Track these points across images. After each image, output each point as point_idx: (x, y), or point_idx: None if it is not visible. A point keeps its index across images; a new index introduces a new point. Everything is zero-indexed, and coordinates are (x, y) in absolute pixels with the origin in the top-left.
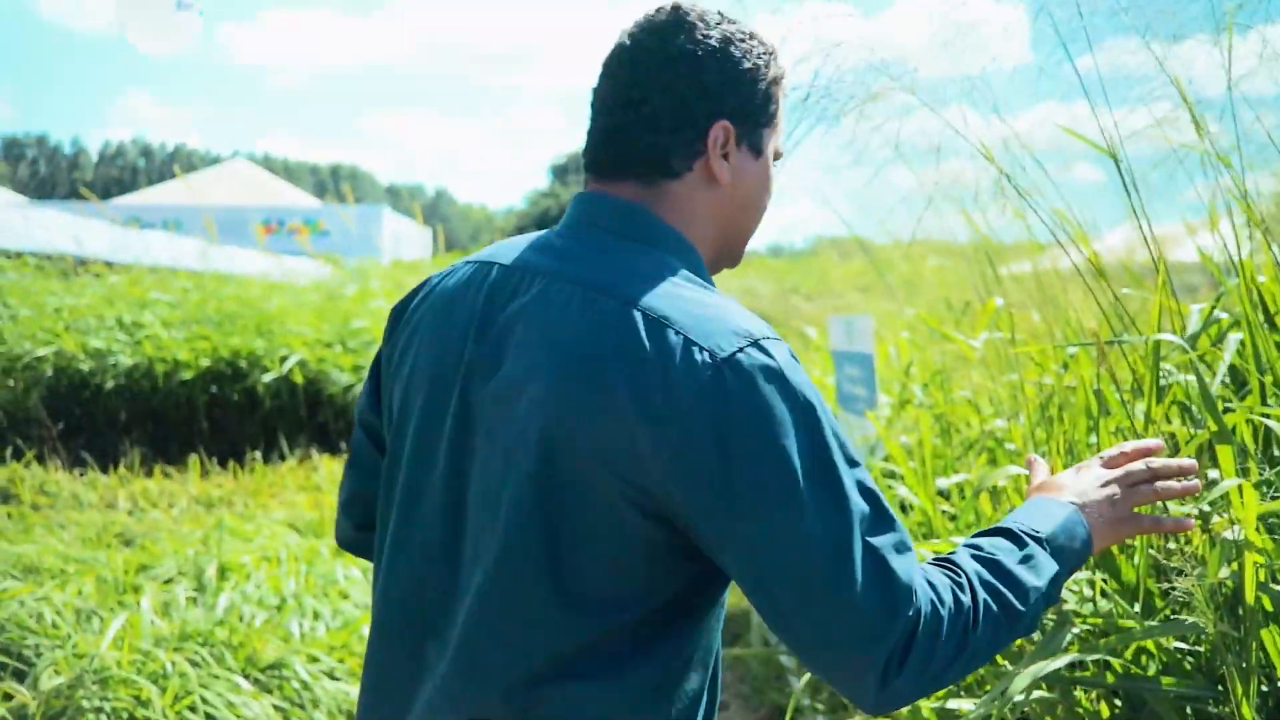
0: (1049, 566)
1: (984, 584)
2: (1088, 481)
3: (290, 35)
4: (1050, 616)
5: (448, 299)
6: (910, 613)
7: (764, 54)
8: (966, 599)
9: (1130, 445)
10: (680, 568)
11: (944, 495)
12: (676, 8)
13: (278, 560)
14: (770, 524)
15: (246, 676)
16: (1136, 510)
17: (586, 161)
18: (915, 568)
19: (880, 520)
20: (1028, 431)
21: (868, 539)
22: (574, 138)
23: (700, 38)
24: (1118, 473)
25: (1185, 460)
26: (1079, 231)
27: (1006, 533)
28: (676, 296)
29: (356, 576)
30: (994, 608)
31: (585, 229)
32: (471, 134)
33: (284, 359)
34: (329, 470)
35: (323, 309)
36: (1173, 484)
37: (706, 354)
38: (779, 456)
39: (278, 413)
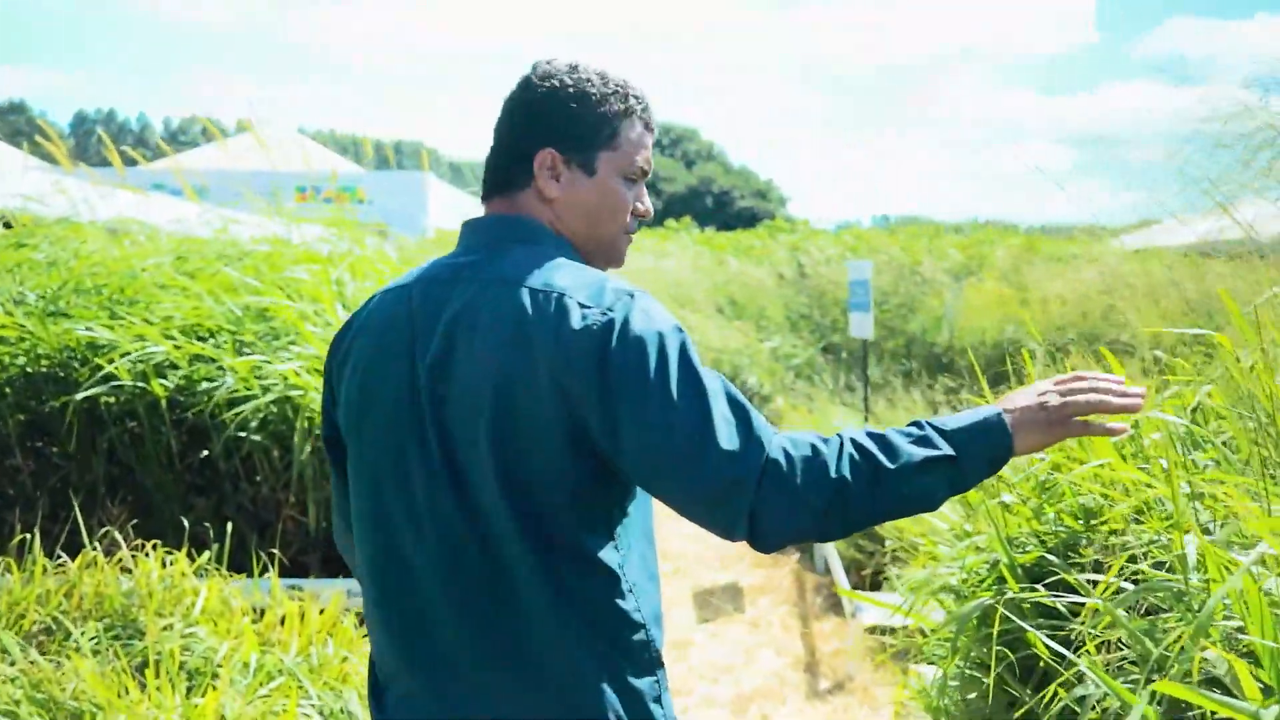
0: (940, 447)
1: (854, 443)
2: (1027, 391)
3: (364, 19)
4: None
5: (380, 326)
6: (761, 460)
7: (602, 93)
8: (827, 450)
9: (1089, 373)
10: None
11: None
12: (533, 66)
13: None
14: (645, 414)
15: None
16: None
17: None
18: (768, 433)
19: (734, 407)
20: None
21: (721, 419)
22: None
23: (535, 85)
24: (1056, 384)
25: (1132, 386)
26: None
27: (915, 423)
28: (559, 272)
29: None
30: (857, 458)
31: (478, 243)
32: None
33: (130, 355)
34: (149, 573)
35: (216, 277)
36: (1111, 398)
37: (593, 309)
38: (645, 369)
39: (131, 443)
